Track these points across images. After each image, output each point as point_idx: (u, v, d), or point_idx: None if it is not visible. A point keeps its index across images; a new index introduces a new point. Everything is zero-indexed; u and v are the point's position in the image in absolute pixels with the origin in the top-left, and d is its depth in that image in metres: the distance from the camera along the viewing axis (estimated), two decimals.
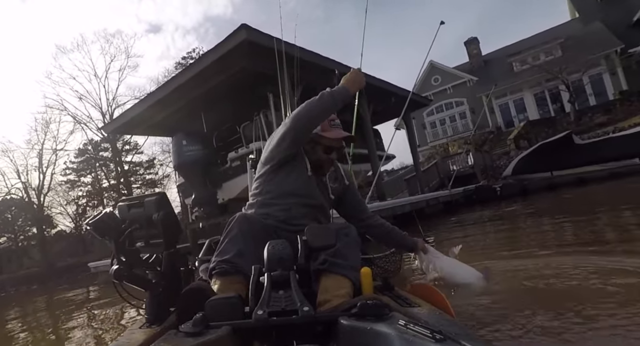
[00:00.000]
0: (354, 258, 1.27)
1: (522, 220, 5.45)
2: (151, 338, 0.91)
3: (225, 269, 1.21)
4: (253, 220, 1.38)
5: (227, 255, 1.24)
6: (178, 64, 28.68)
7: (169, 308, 1.10)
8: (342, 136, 1.53)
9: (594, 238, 3.04)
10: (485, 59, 24.88)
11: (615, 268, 1.90)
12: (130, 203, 1.13)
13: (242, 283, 1.19)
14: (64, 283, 11.73)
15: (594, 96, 18.90)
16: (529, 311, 1.42)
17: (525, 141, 15.83)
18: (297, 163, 1.52)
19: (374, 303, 0.85)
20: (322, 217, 1.59)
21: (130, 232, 1.08)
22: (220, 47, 6.31)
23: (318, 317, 0.92)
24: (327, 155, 1.53)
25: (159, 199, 1.10)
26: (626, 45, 17.92)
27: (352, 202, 1.73)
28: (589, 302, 1.48)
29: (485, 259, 2.69)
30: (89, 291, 6.95)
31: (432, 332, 0.69)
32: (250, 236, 1.30)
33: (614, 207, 4.57)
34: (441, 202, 8.45)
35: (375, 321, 0.80)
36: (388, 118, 12.86)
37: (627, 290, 1.56)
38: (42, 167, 21.10)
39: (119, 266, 1.02)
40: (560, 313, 1.37)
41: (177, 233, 1.14)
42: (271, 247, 1.09)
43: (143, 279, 1.08)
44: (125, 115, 8.44)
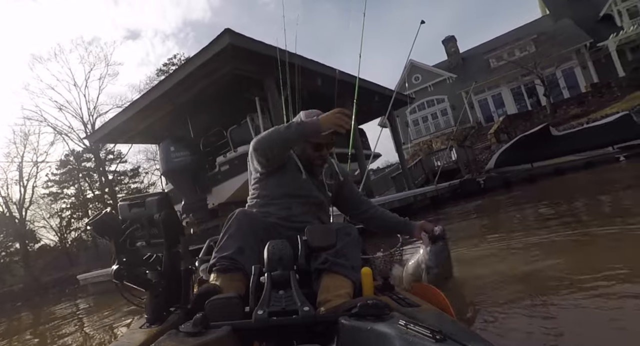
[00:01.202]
0: (354, 257, 1.27)
1: (503, 210, 5.69)
2: (152, 337, 0.90)
3: (225, 266, 1.21)
4: (253, 216, 1.39)
5: (227, 251, 1.23)
6: (159, 70, 28.41)
7: (170, 308, 1.09)
8: (328, 132, 1.47)
9: (562, 221, 3.26)
10: (463, 57, 25.51)
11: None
12: (132, 202, 1.12)
13: (242, 280, 1.20)
14: (51, 298, 11.45)
15: (568, 89, 19.63)
16: (527, 310, 1.41)
17: (505, 135, 16.33)
18: (288, 166, 1.52)
19: (374, 303, 0.85)
20: (322, 214, 1.59)
21: (131, 232, 1.08)
22: (204, 52, 6.36)
23: (318, 317, 0.92)
24: (318, 152, 1.51)
25: (160, 199, 1.09)
26: (595, 40, 18.71)
27: (349, 196, 1.74)
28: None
29: (471, 244, 2.87)
30: (78, 304, 6.86)
31: (432, 332, 0.69)
32: (250, 232, 1.31)
33: (585, 194, 4.86)
34: (428, 197, 8.67)
35: (376, 321, 0.80)
36: (372, 117, 13.09)
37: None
38: (22, 180, 20.56)
39: (119, 266, 1.02)
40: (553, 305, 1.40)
41: (178, 233, 1.13)
42: (271, 247, 1.10)
43: (143, 279, 1.07)
44: (109, 124, 8.37)
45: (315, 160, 1.53)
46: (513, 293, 1.60)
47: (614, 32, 18.54)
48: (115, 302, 4.48)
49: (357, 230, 1.37)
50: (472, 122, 21.78)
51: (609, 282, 1.49)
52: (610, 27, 19.02)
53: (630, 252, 1.87)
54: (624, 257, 1.80)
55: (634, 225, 2.35)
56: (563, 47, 18.09)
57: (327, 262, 1.20)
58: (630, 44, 18.64)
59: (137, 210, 1.10)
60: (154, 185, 27.28)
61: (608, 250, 2.00)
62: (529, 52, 19.83)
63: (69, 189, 24.60)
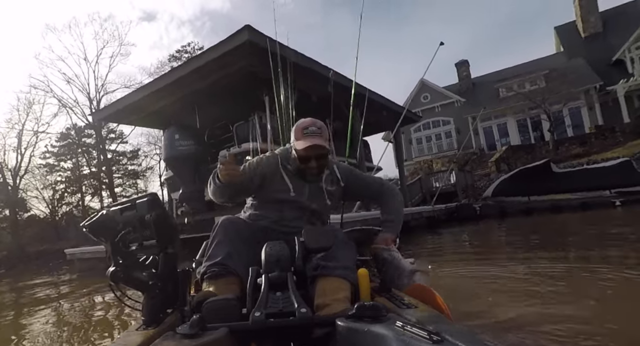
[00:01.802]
0: (344, 257, 1.26)
1: (496, 238, 5.74)
2: (148, 340, 0.90)
3: (216, 272, 1.21)
4: (238, 222, 1.40)
5: (216, 258, 1.24)
6: (172, 56, 28.49)
7: (166, 310, 1.09)
8: (306, 145, 1.44)
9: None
10: (473, 82, 25.74)
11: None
12: (123, 206, 1.12)
13: (236, 284, 1.21)
14: (35, 269, 11.36)
15: (572, 128, 19.82)
16: (517, 312, 1.53)
17: (505, 164, 16.45)
18: (275, 181, 1.53)
19: (371, 304, 0.85)
20: (316, 220, 1.59)
21: (124, 235, 1.07)
22: (222, 44, 6.42)
23: (315, 319, 0.92)
24: (304, 164, 1.49)
25: (150, 200, 1.09)
26: (605, 83, 18.95)
27: (364, 193, 1.72)
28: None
29: (465, 265, 2.91)
30: (65, 281, 6.81)
31: (429, 334, 0.69)
32: (237, 238, 1.32)
33: (577, 234, 4.92)
34: (424, 216, 8.72)
35: (373, 323, 0.80)
36: (378, 130, 13.17)
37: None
38: (20, 148, 20.43)
39: (115, 268, 1.01)
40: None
41: (171, 234, 1.12)
42: (269, 249, 1.10)
43: (139, 281, 1.06)
44: (117, 104, 8.38)
45: (306, 170, 1.52)
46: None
47: (625, 77, 18.79)
48: (99, 281, 4.47)
49: (342, 232, 1.39)
50: (475, 147, 21.91)
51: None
52: (621, 72, 19.27)
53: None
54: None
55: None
56: (573, 86, 18.31)
57: (319, 267, 1.20)
58: (638, 91, 18.89)
59: (128, 213, 1.10)
60: (152, 169, 27.22)
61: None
62: (539, 87, 20.05)
63: (66, 163, 24.51)
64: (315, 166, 1.50)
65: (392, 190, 1.72)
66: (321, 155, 1.49)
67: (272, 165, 1.56)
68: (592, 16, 22.97)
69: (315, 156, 1.48)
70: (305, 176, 1.53)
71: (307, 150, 1.46)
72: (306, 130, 1.48)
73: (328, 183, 1.59)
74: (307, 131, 1.47)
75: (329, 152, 1.51)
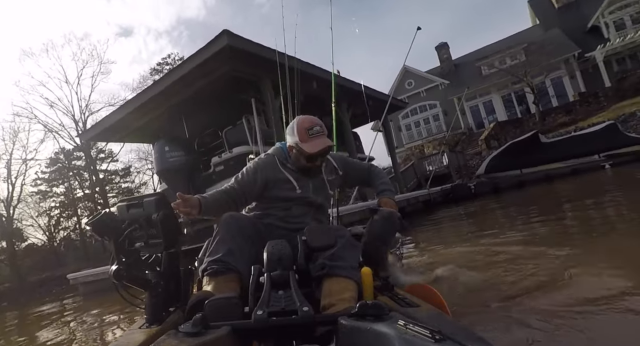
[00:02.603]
0: (352, 258, 1.27)
1: (491, 214, 5.85)
2: (151, 338, 0.90)
3: (216, 269, 1.21)
4: (241, 218, 1.40)
5: (217, 254, 1.24)
6: (153, 69, 28.24)
7: (169, 308, 1.08)
8: (319, 149, 1.48)
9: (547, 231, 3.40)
10: (455, 63, 25.89)
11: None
12: (130, 203, 1.11)
13: (236, 281, 1.21)
14: (38, 297, 11.26)
15: (556, 98, 20.07)
16: (521, 308, 1.52)
17: (495, 141, 16.63)
18: (279, 181, 1.55)
19: (373, 303, 0.85)
20: (321, 215, 1.63)
21: (130, 232, 1.07)
22: (201, 52, 6.40)
23: (317, 317, 0.92)
24: (312, 163, 1.54)
25: (158, 199, 1.09)
26: (582, 50, 19.19)
27: (359, 180, 1.83)
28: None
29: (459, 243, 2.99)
30: (66, 305, 6.79)
31: (431, 332, 0.69)
32: (240, 234, 1.32)
33: (571, 202, 5.03)
34: (420, 201, 8.80)
35: (375, 322, 0.79)
36: (366, 121, 13.22)
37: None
38: (10, 177, 20.14)
39: (118, 266, 1.01)
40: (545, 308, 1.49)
41: (176, 234, 1.12)
42: (271, 247, 1.10)
43: (142, 279, 1.06)
44: (103, 123, 8.33)
45: (312, 167, 1.57)
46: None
47: (601, 43, 19.04)
48: (106, 302, 4.48)
49: (348, 231, 1.40)
50: (464, 127, 22.09)
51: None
52: (597, 39, 19.52)
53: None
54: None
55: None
56: (552, 57, 18.52)
57: (326, 267, 1.20)
58: (616, 55, 19.17)
59: (135, 211, 1.10)
60: (145, 184, 27.07)
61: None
62: (520, 61, 20.25)
63: (59, 187, 24.22)
64: (321, 163, 1.56)
65: (380, 171, 1.84)
66: (326, 152, 1.54)
67: (272, 167, 1.57)
68: None
69: (321, 155, 1.52)
70: (310, 172, 1.57)
71: (320, 153, 1.50)
72: (311, 131, 1.49)
73: (328, 174, 1.63)
74: (313, 132, 1.50)
75: (331, 145, 1.56)
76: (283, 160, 1.59)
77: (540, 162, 10.03)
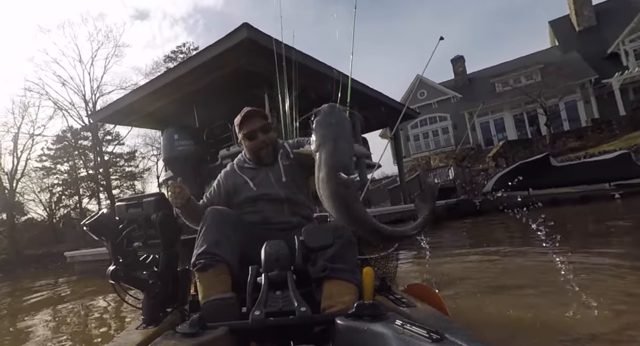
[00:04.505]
0: (352, 259, 1.26)
1: (495, 232, 5.77)
2: (148, 338, 0.90)
3: (204, 263, 1.20)
4: (225, 211, 1.39)
5: (203, 247, 1.24)
6: (167, 57, 28.32)
7: (166, 309, 1.08)
8: (251, 126, 1.56)
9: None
10: (469, 77, 25.81)
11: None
12: (129, 203, 1.11)
13: (226, 273, 1.20)
14: (33, 272, 11.28)
15: (568, 121, 19.93)
16: (514, 309, 1.56)
17: (503, 159, 16.51)
18: (239, 186, 1.57)
19: (370, 303, 0.85)
20: (299, 209, 1.55)
21: (128, 232, 1.07)
22: (219, 43, 6.38)
23: (315, 318, 0.92)
24: (253, 141, 1.57)
25: (157, 200, 1.09)
26: (600, 76, 19.05)
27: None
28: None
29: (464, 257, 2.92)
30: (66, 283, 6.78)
31: (428, 332, 0.70)
32: (224, 224, 1.31)
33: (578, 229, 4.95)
34: None
35: (372, 322, 0.80)
36: (376, 127, 13.16)
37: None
38: (17, 151, 20.22)
39: (115, 266, 1.01)
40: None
41: (175, 234, 1.12)
42: (268, 247, 1.10)
43: (140, 280, 1.06)
44: (115, 105, 8.32)
45: (258, 149, 1.58)
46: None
47: (619, 70, 18.90)
48: (101, 283, 4.45)
49: (349, 231, 1.35)
50: (472, 143, 21.98)
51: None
52: (616, 65, 19.38)
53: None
54: None
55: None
56: (568, 80, 18.39)
57: (327, 269, 1.18)
58: (633, 84, 19.01)
59: (134, 211, 1.10)
60: (149, 170, 27.12)
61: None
62: (535, 81, 20.13)
63: (63, 165, 24.33)
64: (264, 140, 1.56)
65: None
66: (265, 127, 1.59)
67: (232, 175, 1.62)
68: (585, 9, 23.08)
69: (261, 129, 1.57)
70: (263, 159, 1.58)
71: (250, 125, 1.57)
72: (245, 114, 1.61)
73: (284, 159, 1.61)
74: (246, 114, 1.61)
75: (270, 124, 1.61)
76: (241, 163, 1.64)
77: (549, 185, 9.91)
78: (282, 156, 1.62)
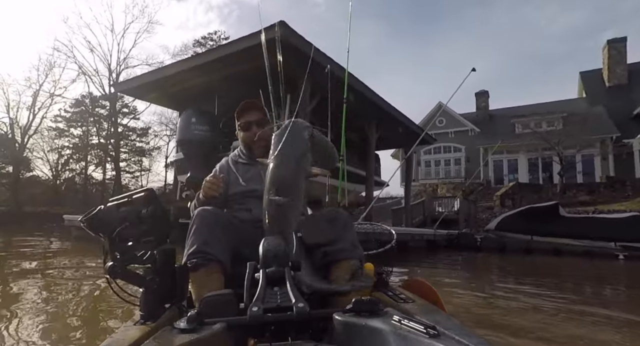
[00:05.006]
0: (351, 238, 1.30)
1: (492, 270, 5.66)
2: (146, 334, 0.90)
3: (196, 262, 1.21)
4: (215, 211, 1.38)
5: (194, 247, 1.24)
6: (197, 41, 28.75)
7: (164, 305, 1.09)
8: (240, 106, 1.59)
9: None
10: (491, 113, 25.74)
11: None
12: (119, 202, 1.12)
13: (219, 271, 1.21)
14: (29, 229, 11.29)
15: (582, 174, 19.70)
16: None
17: (510, 200, 16.32)
18: (231, 181, 1.58)
19: (368, 299, 0.86)
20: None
21: (122, 230, 1.06)
22: (252, 37, 6.45)
23: (312, 314, 0.91)
24: (248, 132, 1.58)
25: (147, 195, 1.10)
26: (622, 135, 18.86)
27: None
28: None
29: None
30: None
31: (426, 327, 0.70)
32: (214, 224, 1.30)
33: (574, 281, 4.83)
34: (425, 239, 8.63)
35: (370, 317, 0.81)
36: (390, 146, 13.13)
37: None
38: (34, 107, 20.58)
39: (113, 263, 1.02)
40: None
41: (166, 228, 1.13)
42: (266, 244, 1.09)
43: (137, 276, 1.07)
44: (141, 78, 8.41)
45: (251, 142, 1.58)
46: None
47: None
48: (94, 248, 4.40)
49: (344, 213, 1.39)
50: (482, 179, 21.81)
51: None
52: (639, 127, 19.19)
53: None
54: None
55: None
56: (590, 133, 18.24)
57: (328, 256, 1.23)
58: None
59: (125, 209, 1.11)
60: (159, 149, 27.32)
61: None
62: (556, 128, 19.98)
63: (76, 129, 24.68)
64: (257, 133, 1.55)
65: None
66: (261, 121, 1.59)
67: (226, 168, 1.62)
68: (619, 67, 22.98)
69: (257, 122, 1.58)
70: (256, 154, 1.56)
71: (248, 116, 1.58)
72: (243, 106, 1.60)
73: None
74: (244, 106, 1.61)
75: (267, 120, 1.62)
76: (235, 158, 1.65)
77: (554, 233, 9.72)
78: None
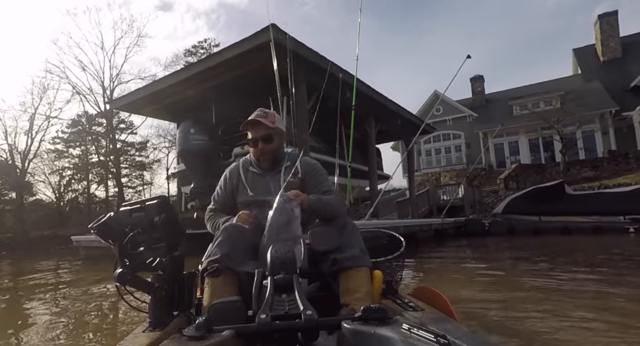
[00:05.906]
0: (358, 243, 1.33)
1: (502, 255, 5.64)
2: (154, 342, 0.91)
3: (216, 268, 1.23)
4: (242, 229, 1.41)
5: (217, 255, 1.27)
6: (187, 51, 28.71)
7: (173, 312, 1.10)
8: (247, 122, 1.58)
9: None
10: (487, 98, 25.66)
11: None
12: (132, 207, 1.13)
13: (235, 283, 1.23)
14: (37, 254, 11.31)
15: (584, 151, 19.63)
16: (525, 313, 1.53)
17: (514, 182, 16.26)
18: (240, 188, 1.59)
19: (377, 307, 0.85)
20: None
21: (133, 236, 1.08)
22: (244, 42, 6.42)
23: (321, 322, 0.91)
24: (255, 147, 1.60)
25: (160, 203, 1.11)
26: (620, 108, 18.78)
27: (311, 187, 1.60)
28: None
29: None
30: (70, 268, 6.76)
31: (436, 336, 0.69)
32: (239, 240, 1.33)
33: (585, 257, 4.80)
34: (433, 229, 8.62)
35: (379, 326, 0.79)
36: (390, 139, 13.11)
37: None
38: (32, 131, 20.55)
39: (122, 269, 1.03)
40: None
41: (178, 236, 1.13)
42: (274, 251, 1.10)
43: (146, 283, 1.07)
44: (136, 93, 8.41)
45: (258, 155, 1.60)
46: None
47: None
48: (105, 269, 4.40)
49: (350, 218, 1.42)
50: (484, 163, 21.75)
51: None
52: (637, 99, 19.07)
53: None
54: None
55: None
56: (588, 109, 18.16)
57: (337, 263, 1.24)
58: None
59: (137, 215, 1.11)
60: (159, 161, 27.33)
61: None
62: (554, 107, 19.90)
63: (75, 149, 24.68)
64: (263, 148, 1.57)
65: (338, 197, 1.65)
66: (266, 136, 1.57)
67: (236, 174, 1.63)
68: (612, 41, 22.86)
69: (262, 138, 1.56)
70: (263, 166, 1.60)
71: (246, 128, 1.58)
72: (251, 118, 1.58)
73: (287, 174, 1.60)
74: (252, 117, 1.59)
75: (273, 134, 1.58)
76: (246, 165, 1.64)
77: (562, 212, 9.67)
78: (287, 170, 1.60)
